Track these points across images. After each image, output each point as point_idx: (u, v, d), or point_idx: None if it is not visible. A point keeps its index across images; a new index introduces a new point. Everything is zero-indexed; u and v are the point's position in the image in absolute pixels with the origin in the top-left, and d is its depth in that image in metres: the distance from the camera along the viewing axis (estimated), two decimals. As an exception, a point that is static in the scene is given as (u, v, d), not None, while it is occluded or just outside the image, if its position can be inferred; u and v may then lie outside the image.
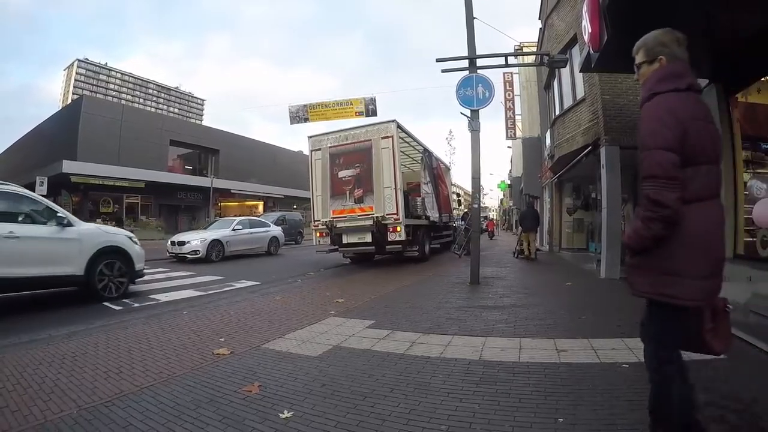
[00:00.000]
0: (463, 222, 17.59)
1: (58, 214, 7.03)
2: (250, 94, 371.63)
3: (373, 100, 17.69)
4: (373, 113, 17.37)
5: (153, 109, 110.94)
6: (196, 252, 14.35)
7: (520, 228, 16.82)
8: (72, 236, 7.02)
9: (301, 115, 18.07)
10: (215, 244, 15.04)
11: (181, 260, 14.33)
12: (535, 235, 15.74)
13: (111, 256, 7.58)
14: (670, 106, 2.08)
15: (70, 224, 7.08)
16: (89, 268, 7.17)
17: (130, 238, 8.24)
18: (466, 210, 16.98)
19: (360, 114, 17.36)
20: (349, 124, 12.65)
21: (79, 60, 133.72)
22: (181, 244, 14.62)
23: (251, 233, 17.23)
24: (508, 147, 43.92)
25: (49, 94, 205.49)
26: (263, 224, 19.01)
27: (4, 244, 6.06)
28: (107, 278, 7.48)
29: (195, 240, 14.72)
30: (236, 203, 39.29)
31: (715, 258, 2.12)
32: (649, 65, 2.29)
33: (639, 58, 2.35)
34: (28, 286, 6.59)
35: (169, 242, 15.25)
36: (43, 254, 6.62)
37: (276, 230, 19.16)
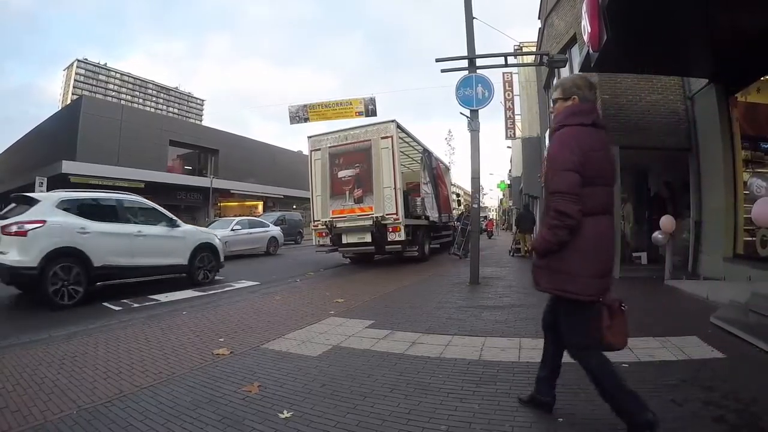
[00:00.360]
0: (459, 222, 17.29)
1: (170, 218, 9.21)
2: (250, 94, 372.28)
3: (372, 100, 17.69)
4: (373, 113, 17.37)
5: (152, 110, 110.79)
6: None
7: (516, 229, 17.62)
8: (180, 234, 9.17)
9: (301, 115, 18.06)
10: None
11: None
12: (531, 235, 15.98)
13: (205, 250, 9.65)
14: (576, 136, 2.48)
15: (178, 225, 9.22)
16: (191, 259, 9.28)
17: (215, 236, 10.34)
18: (462, 210, 16.68)
19: (360, 114, 17.35)
20: (348, 124, 12.67)
21: (78, 60, 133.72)
22: None
23: (250, 233, 17.15)
24: (508, 147, 43.96)
25: (49, 94, 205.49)
26: (262, 224, 18.97)
27: (135, 241, 8.12)
28: (201, 268, 9.53)
29: None
30: (236, 203, 39.23)
31: (604, 261, 2.54)
32: (563, 101, 2.69)
33: (556, 95, 2.77)
34: (153, 272, 8.94)
35: None
36: (162, 248, 8.75)
37: (275, 230, 19.08)
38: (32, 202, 7.32)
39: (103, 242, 7.52)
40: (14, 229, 6.70)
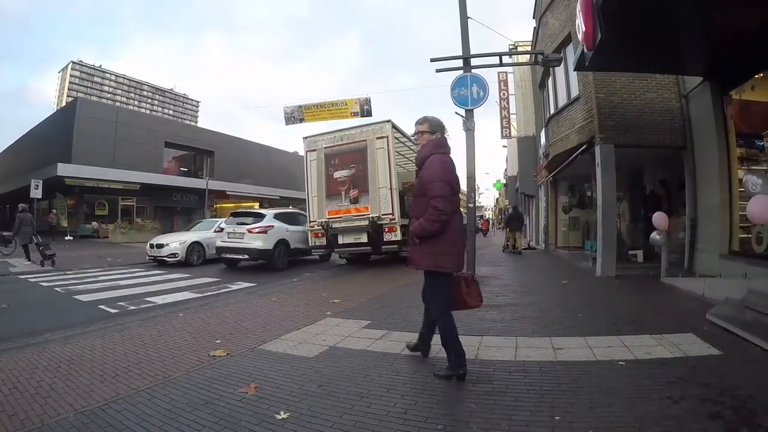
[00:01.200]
0: None
1: (302, 217, 13.55)
2: (246, 94, 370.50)
3: (368, 101, 17.68)
4: (368, 113, 17.36)
5: (148, 111, 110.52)
6: (174, 255, 13.32)
7: (507, 228, 19.11)
8: (305, 228, 12.69)
9: (296, 116, 18.02)
10: (195, 246, 13.91)
11: (160, 264, 13.36)
12: (521, 233, 19.17)
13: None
14: (445, 161, 3.60)
15: (305, 222, 12.96)
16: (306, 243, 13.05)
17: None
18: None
19: (355, 114, 17.33)
20: (344, 125, 12.64)
21: (73, 62, 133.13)
22: (160, 246, 13.61)
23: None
24: (503, 146, 44.01)
25: (44, 96, 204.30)
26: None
27: (290, 233, 12.96)
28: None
29: (174, 242, 13.73)
30: (232, 204, 39.11)
31: (459, 245, 3.74)
32: (430, 134, 3.73)
33: (424, 128, 3.77)
34: (299, 254, 13.64)
35: (148, 245, 14.29)
36: (300, 238, 13.02)
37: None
38: (261, 216, 12.97)
39: (293, 236, 12.97)
40: (258, 229, 12.17)
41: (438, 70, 9.33)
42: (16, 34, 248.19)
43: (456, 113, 9.02)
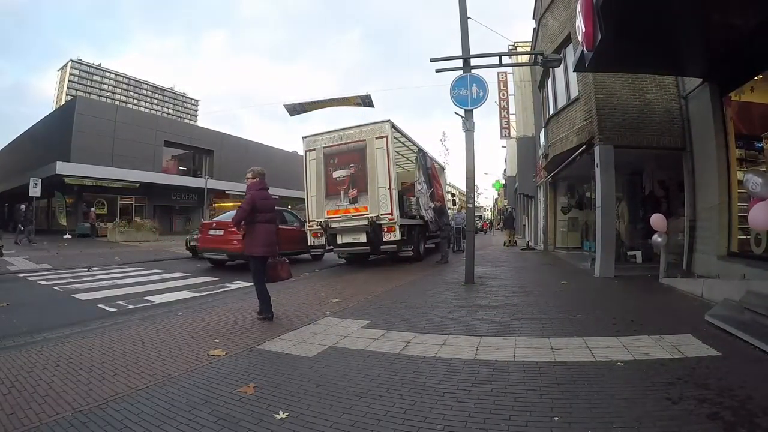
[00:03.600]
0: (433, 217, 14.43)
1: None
2: (246, 92, 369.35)
3: (368, 96, 17.66)
4: (370, 104, 17.34)
5: (147, 110, 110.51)
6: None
7: (505, 227, 24.53)
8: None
9: (298, 108, 17.99)
10: None
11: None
12: (513, 231, 24.29)
13: None
14: (255, 195, 5.72)
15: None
16: None
17: None
18: (437, 203, 14.37)
19: (358, 104, 17.28)
20: (343, 125, 12.62)
21: (72, 61, 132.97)
22: None
23: None
24: (503, 146, 44.09)
25: (42, 93, 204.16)
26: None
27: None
28: None
29: None
30: (231, 204, 39.11)
31: (270, 241, 5.73)
32: (252, 179, 5.95)
33: (250, 176, 6.03)
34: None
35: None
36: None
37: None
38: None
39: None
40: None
41: (438, 70, 9.34)
42: (12, 28, 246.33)
43: (456, 113, 9.04)
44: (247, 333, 5.09)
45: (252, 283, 6.05)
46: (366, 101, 16.33)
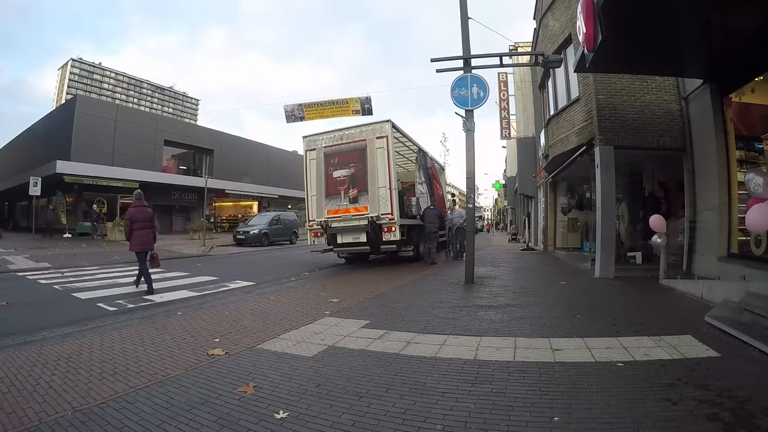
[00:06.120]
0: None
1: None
2: (247, 91, 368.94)
3: (368, 99, 17.61)
4: (369, 112, 17.30)
5: (147, 109, 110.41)
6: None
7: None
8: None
9: (296, 113, 17.95)
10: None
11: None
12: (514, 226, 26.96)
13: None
14: (131, 213, 8.23)
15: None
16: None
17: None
18: (430, 205, 13.83)
19: (356, 112, 17.26)
20: (344, 124, 12.64)
21: (73, 59, 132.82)
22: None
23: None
24: (503, 147, 44.11)
25: (42, 91, 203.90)
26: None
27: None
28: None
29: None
30: (231, 203, 39.12)
31: (142, 242, 8.19)
32: (133, 200, 8.40)
33: (136, 197, 8.41)
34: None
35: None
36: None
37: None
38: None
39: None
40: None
41: (438, 70, 9.35)
42: (11, 25, 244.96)
43: (456, 113, 9.04)
44: (247, 332, 5.09)
45: (251, 283, 6.08)
46: (365, 107, 16.32)
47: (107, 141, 27.70)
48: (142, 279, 8.34)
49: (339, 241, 11.94)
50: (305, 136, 12.60)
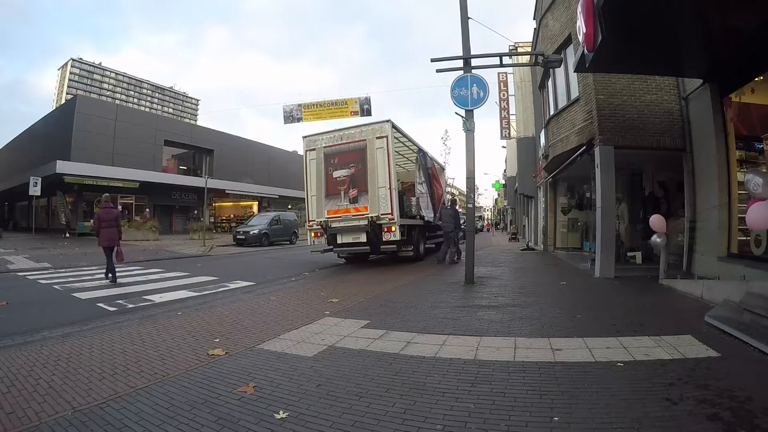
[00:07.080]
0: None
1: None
2: (247, 91, 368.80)
3: (368, 100, 17.65)
4: (368, 113, 17.34)
5: (147, 109, 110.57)
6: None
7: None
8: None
9: (295, 114, 17.99)
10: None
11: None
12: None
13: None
14: (99, 213, 9.55)
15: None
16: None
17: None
18: (446, 205, 13.68)
19: (355, 113, 17.29)
20: (343, 124, 12.64)
21: (73, 59, 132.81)
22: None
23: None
24: (503, 147, 44.08)
25: (41, 91, 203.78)
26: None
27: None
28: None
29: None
30: (231, 203, 39.15)
31: (108, 238, 9.29)
32: (102, 203, 9.96)
33: (104, 200, 9.97)
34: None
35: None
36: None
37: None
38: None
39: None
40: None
41: (439, 70, 9.34)
42: (11, 25, 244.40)
43: (456, 113, 9.03)
44: (247, 332, 5.08)
45: (251, 283, 6.06)
46: (364, 108, 16.34)
47: (107, 141, 27.71)
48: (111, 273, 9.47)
49: (339, 241, 11.94)
50: (305, 136, 12.60)
